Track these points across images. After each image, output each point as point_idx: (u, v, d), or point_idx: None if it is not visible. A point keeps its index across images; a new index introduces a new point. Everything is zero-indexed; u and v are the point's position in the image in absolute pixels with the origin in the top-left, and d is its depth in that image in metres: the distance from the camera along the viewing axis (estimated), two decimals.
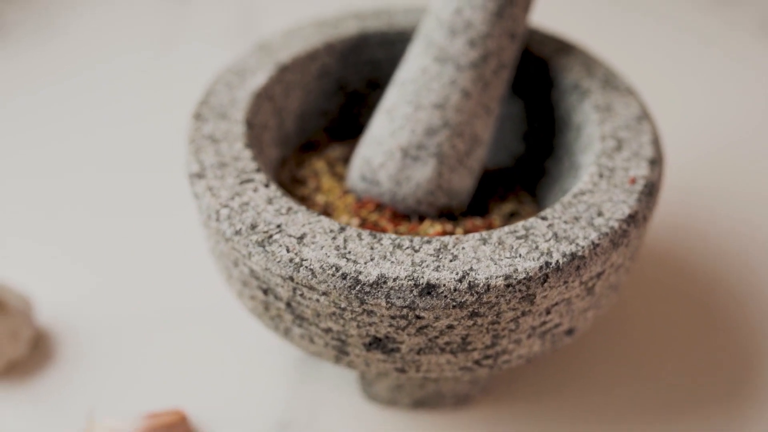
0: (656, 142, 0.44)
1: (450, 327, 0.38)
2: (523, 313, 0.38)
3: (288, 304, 0.40)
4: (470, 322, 0.38)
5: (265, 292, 0.40)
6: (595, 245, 0.38)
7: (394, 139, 0.44)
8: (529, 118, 0.51)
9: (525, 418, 0.47)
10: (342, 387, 0.48)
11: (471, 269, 0.37)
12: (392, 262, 0.37)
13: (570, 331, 0.42)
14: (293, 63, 0.48)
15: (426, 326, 0.38)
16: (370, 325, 0.38)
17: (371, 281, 0.37)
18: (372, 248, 0.38)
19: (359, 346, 0.40)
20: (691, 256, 0.56)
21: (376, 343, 0.39)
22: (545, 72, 0.49)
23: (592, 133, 0.45)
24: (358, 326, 0.39)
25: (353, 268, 0.37)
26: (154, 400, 0.47)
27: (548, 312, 0.39)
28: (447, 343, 0.39)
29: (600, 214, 0.40)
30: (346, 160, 0.49)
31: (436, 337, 0.39)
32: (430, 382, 0.45)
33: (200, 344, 0.50)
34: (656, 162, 0.43)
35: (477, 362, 0.40)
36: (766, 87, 0.69)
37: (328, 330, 0.39)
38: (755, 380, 0.48)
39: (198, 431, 0.46)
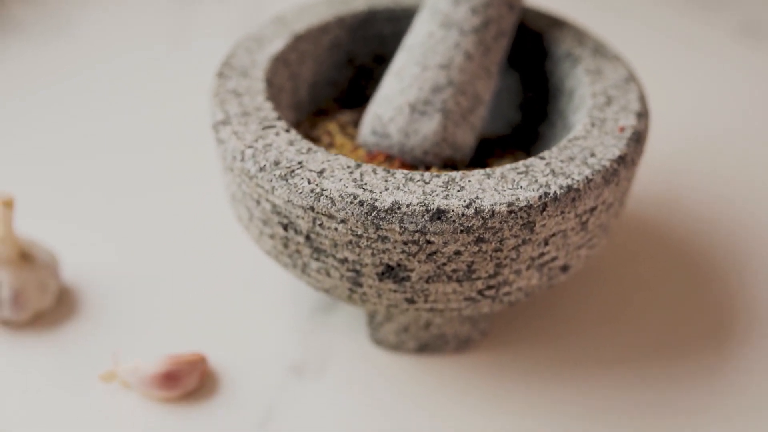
0: (642, 99, 0.48)
1: (457, 253, 0.41)
2: (524, 242, 0.42)
3: (307, 237, 0.43)
4: (476, 248, 0.41)
5: (285, 227, 0.43)
6: (588, 180, 0.42)
7: (403, 96, 0.48)
8: (524, 88, 0.55)
9: (522, 362, 0.50)
10: (351, 335, 0.51)
11: (477, 197, 0.41)
12: (405, 191, 0.41)
13: (565, 268, 0.45)
14: (307, 33, 0.52)
15: (435, 252, 0.41)
16: (384, 252, 0.42)
17: (386, 207, 0.40)
18: (386, 180, 0.42)
19: (372, 276, 0.43)
20: (672, 224, 0.60)
21: (388, 272, 0.43)
22: (539, 44, 0.53)
23: (584, 94, 0.49)
24: (373, 254, 0.42)
25: (369, 196, 0.41)
26: (174, 346, 0.50)
27: (546, 243, 0.43)
28: (454, 271, 0.42)
29: (593, 155, 0.44)
30: (355, 123, 0.53)
31: (444, 264, 0.42)
32: (434, 325, 0.49)
33: (219, 296, 0.53)
34: (643, 115, 0.47)
35: (480, 292, 0.44)
36: (745, 85, 0.74)
37: (344, 261, 0.43)
38: (730, 328, 0.52)
39: (216, 372, 0.49)
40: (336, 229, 0.42)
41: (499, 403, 0.48)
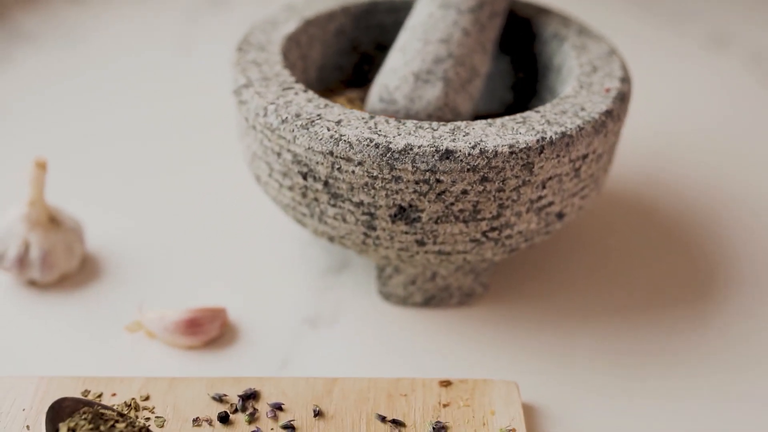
0: (624, 68, 0.53)
1: (464, 192, 0.45)
2: (524, 183, 0.46)
3: (325, 183, 0.47)
4: (480, 188, 0.45)
5: (305, 176, 0.47)
6: (580, 128, 0.47)
7: (408, 67, 0.53)
8: (515, 69, 0.60)
9: (521, 314, 0.54)
10: (361, 292, 0.55)
11: (481, 141, 0.45)
12: (416, 136, 0.45)
13: (560, 215, 0.49)
14: (315, 19, 0.57)
15: (444, 191, 0.45)
16: (397, 192, 0.45)
17: (399, 149, 0.44)
18: (398, 128, 0.46)
19: (386, 218, 0.47)
20: (652, 199, 0.64)
21: (400, 214, 0.46)
22: (528, 28, 0.58)
23: (571, 66, 0.54)
24: (387, 195, 0.46)
25: (384, 140, 0.45)
26: (195, 302, 0.53)
27: (544, 186, 0.47)
28: (461, 211, 0.46)
29: (583, 109, 0.48)
30: (362, 99, 0.57)
31: (452, 204, 0.46)
32: (439, 276, 0.52)
33: (236, 260, 0.57)
34: (626, 80, 0.51)
35: (484, 234, 0.47)
36: (712, 86, 0.80)
37: (359, 204, 0.46)
38: (708, 285, 0.56)
39: (236, 324, 0.52)
40: (353, 171, 0.46)
41: (500, 351, 0.51)
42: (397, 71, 0.53)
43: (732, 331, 0.53)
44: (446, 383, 0.47)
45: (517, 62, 0.60)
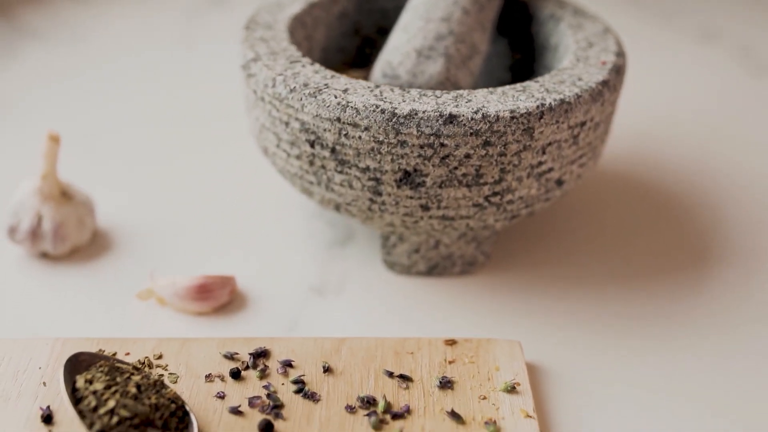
0: (619, 44, 0.55)
1: (467, 156, 0.47)
2: (525, 147, 0.48)
3: (332, 150, 0.48)
4: (483, 152, 0.47)
5: (312, 144, 0.49)
6: (578, 96, 0.48)
7: (410, 44, 0.55)
8: (512, 51, 0.62)
9: (522, 282, 0.55)
10: (366, 264, 0.56)
11: (483, 106, 0.47)
12: (420, 102, 0.47)
13: (560, 182, 0.51)
14: (320, 2, 0.59)
15: (448, 155, 0.47)
16: (402, 157, 0.47)
17: (405, 114, 0.46)
18: (403, 96, 0.47)
19: (391, 183, 0.48)
20: (651, 177, 0.66)
21: (405, 178, 0.48)
22: (525, 10, 0.60)
23: (568, 44, 0.56)
24: (392, 160, 0.47)
25: (390, 106, 0.46)
26: (205, 271, 0.54)
27: (543, 152, 0.48)
28: (464, 175, 0.48)
29: (580, 79, 0.50)
30: (365, 78, 0.59)
31: (456, 168, 0.47)
32: (442, 245, 0.54)
33: (243, 234, 0.59)
34: (621, 54, 0.53)
35: (487, 198, 0.49)
36: (701, 77, 0.83)
37: (365, 169, 0.48)
38: (702, 254, 0.58)
39: (245, 292, 0.53)
40: (360, 137, 0.47)
41: (502, 316, 0.53)
42: (400, 48, 0.55)
43: (723, 296, 0.55)
44: (451, 342, 0.48)
45: (514, 44, 0.62)
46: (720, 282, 0.56)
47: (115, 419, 0.40)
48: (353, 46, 0.63)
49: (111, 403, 0.41)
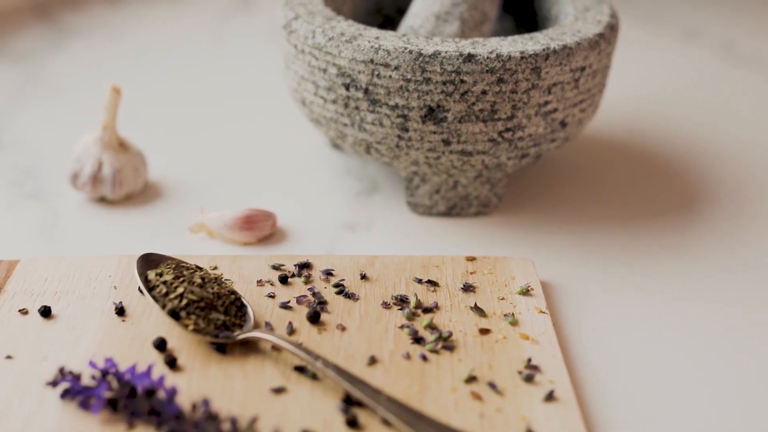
0: (612, 9, 0.62)
1: (483, 93, 0.54)
2: (533, 86, 0.54)
3: (366, 90, 0.55)
4: (497, 88, 0.54)
5: (348, 87, 0.56)
6: (578, 43, 0.56)
7: (429, 10, 0.62)
8: (518, 27, 0.69)
9: (532, 221, 0.62)
10: (391, 207, 0.63)
11: (497, 48, 0.54)
12: (443, 45, 0.54)
13: (563, 123, 0.58)
14: None
15: (467, 92, 0.54)
16: (427, 93, 0.54)
17: (430, 53, 0.53)
18: (427, 41, 0.54)
19: (417, 119, 0.55)
20: (644, 143, 0.73)
21: (429, 115, 0.55)
22: None
23: (567, 12, 0.63)
24: (418, 97, 0.54)
25: (416, 47, 0.53)
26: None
27: (549, 91, 0.55)
28: (481, 111, 0.54)
29: (579, 32, 0.57)
30: None
31: (473, 104, 0.54)
32: (460, 185, 0.60)
33: (281, 186, 0.65)
34: (614, 16, 0.61)
35: (500, 134, 0.56)
36: (683, 72, 0.91)
37: (395, 107, 0.55)
38: (689, 202, 0.65)
39: (285, 227, 0.60)
40: (390, 76, 0.54)
41: (515, 247, 0.59)
42: (421, 14, 0.62)
43: (709, 230, 0.61)
44: (471, 258, 0.54)
45: (519, 19, 0.69)
46: (706, 220, 0.62)
47: (184, 302, 0.46)
48: (375, 24, 0.70)
49: (180, 290, 0.47)
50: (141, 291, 0.50)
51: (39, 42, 0.91)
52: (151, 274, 0.48)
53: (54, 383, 0.43)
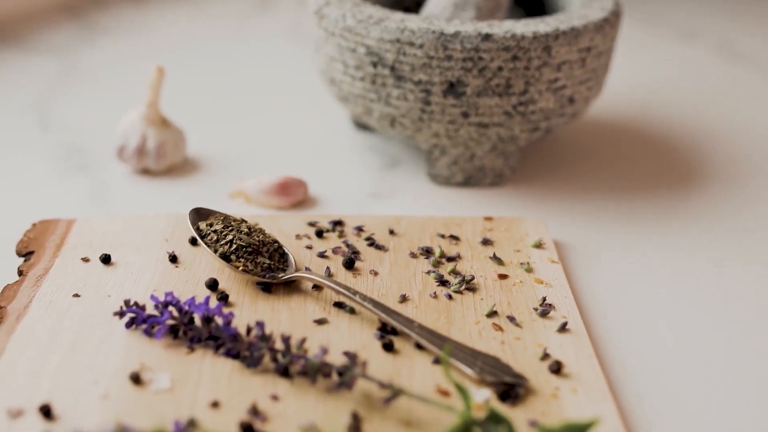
0: (616, 1, 0.68)
1: (499, 69, 0.59)
2: (544, 64, 0.60)
3: (392, 68, 0.60)
4: (512, 65, 0.59)
5: (375, 64, 0.61)
6: (585, 25, 0.61)
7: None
8: (528, 17, 0.75)
9: (543, 192, 0.67)
10: (412, 179, 0.68)
11: (511, 28, 0.59)
12: (463, 26, 0.60)
13: (571, 99, 0.63)
14: None
15: (484, 68, 0.59)
16: (448, 70, 0.59)
17: (451, 33, 0.59)
18: (448, 22, 0.60)
19: (439, 94, 0.60)
20: (645, 130, 0.79)
21: (450, 89, 0.60)
22: None
23: (573, 2, 0.68)
24: (440, 73, 0.59)
25: (439, 28, 0.59)
26: None
27: (559, 69, 0.61)
28: (497, 86, 0.60)
29: (585, 16, 0.63)
30: None
31: (490, 79, 0.60)
32: (476, 157, 0.65)
33: (310, 162, 0.71)
34: (618, 4, 0.66)
35: (514, 107, 0.61)
36: (689, 69, 0.97)
37: (418, 82, 0.60)
38: (687, 177, 0.71)
39: (316, 195, 0.65)
40: (415, 54, 0.59)
41: (527, 213, 0.64)
42: (439, 3, 0.68)
43: (701, 201, 0.67)
44: (489, 218, 0.60)
45: (529, 12, 0.75)
46: (699, 190, 0.68)
47: (233, 247, 0.51)
48: None
49: (229, 237, 0.52)
50: (192, 242, 0.55)
51: (72, 38, 0.97)
52: (203, 225, 0.53)
53: (120, 314, 0.48)
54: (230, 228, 0.53)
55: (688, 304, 0.55)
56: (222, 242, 0.52)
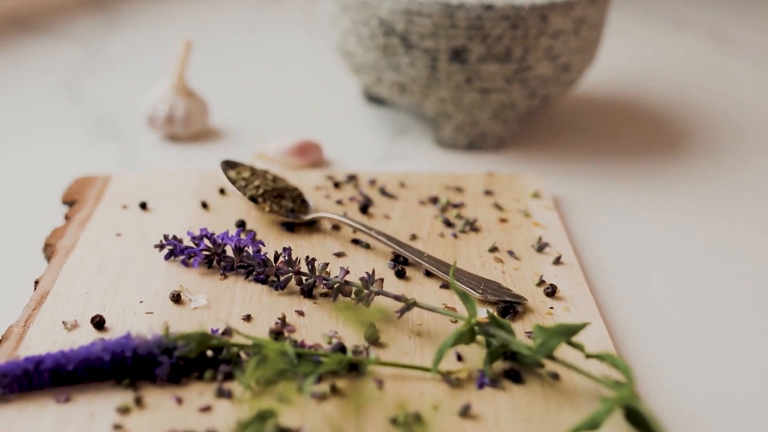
0: None
1: (500, 37, 0.65)
2: (541, 32, 0.65)
3: (402, 38, 0.66)
4: (511, 33, 0.65)
5: (387, 34, 0.66)
6: None
7: None
8: None
9: (542, 156, 0.72)
10: (419, 144, 0.73)
11: (511, 0, 0.65)
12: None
13: (566, 67, 0.68)
14: None
15: (487, 36, 0.65)
16: (454, 37, 0.65)
17: (456, 4, 0.64)
18: None
19: (444, 60, 0.66)
20: (637, 106, 0.84)
21: (455, 56, 0.65)
22: None
23: None
24: (447, 40, 0.65)
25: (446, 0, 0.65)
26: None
27: (555, 37, 0.66)
28: (498, 53, 0.65)
29: None
30: None
31: (492, 46, 0.65)
32: (479, 123, 0.70)
33: (323, 132, 0.76)
34: None
35: (514, 73, 0.66)
36: (681, 55, 1.02)
37: (426, 50, 0.65)
38: (675, 144, 0.76)
39: (330, 157, 0.70)
40: (423, 24, 0.65)
41: (527, 172, 0.70)
42: None
43: (688, 165, 0.72)
44: (491, 174, 0.65)
45: None
46: (687, 154, 0.73)
47: (261, 191, 0.57)
48: None
49: (256, 182, 0.57)
50: (221, 192, 0.61)
51: (97, 27, 1.03)
52: (232, 173, 0.59)
53: (160, 246, 0.53)
54: (257, 176, 0.59)
55: (670, 247, 0.60)
56: (250, 187, 0.58)
